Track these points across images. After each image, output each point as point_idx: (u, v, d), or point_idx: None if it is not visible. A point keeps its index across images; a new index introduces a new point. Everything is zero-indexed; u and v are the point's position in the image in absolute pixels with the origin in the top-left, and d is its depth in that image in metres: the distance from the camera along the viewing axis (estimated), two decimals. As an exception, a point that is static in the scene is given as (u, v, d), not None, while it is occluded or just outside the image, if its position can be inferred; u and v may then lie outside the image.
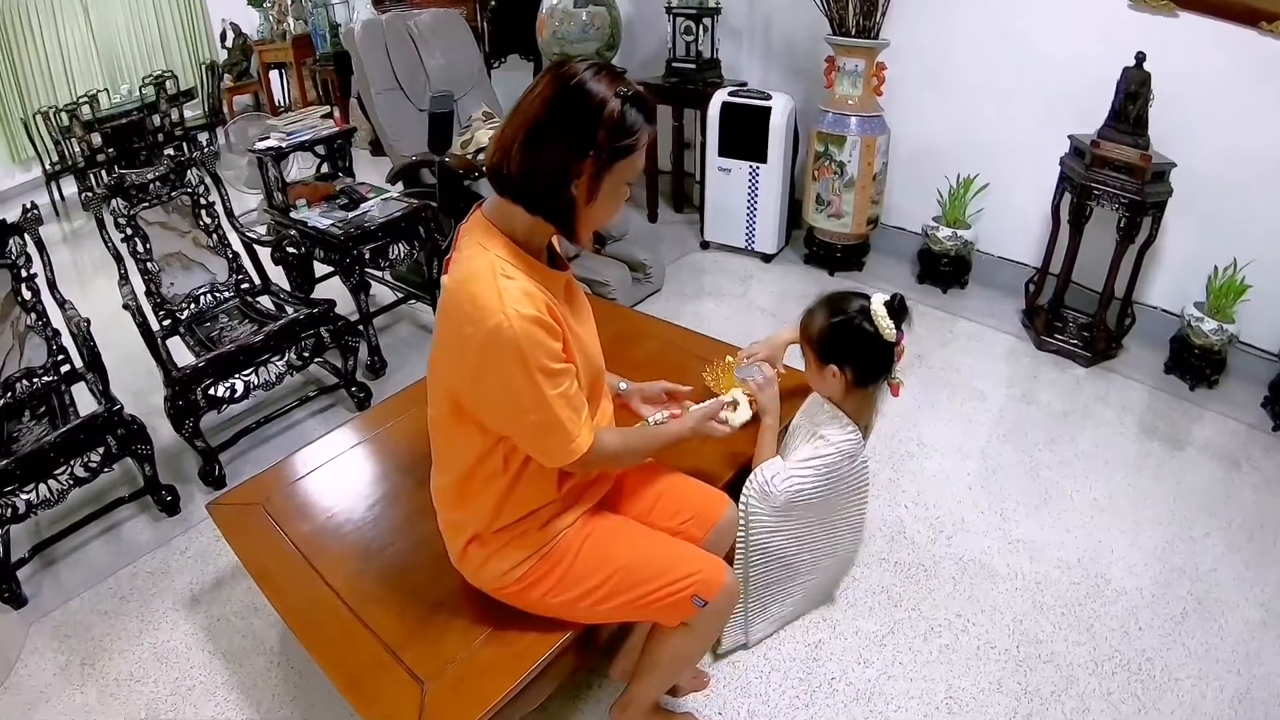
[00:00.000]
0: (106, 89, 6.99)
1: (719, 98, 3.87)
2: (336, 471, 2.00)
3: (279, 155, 3.14)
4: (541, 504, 1.45)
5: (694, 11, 4.05)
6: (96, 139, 5.99)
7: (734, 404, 1.72)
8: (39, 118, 6.09)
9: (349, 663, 1.47)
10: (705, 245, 4.30)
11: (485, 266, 1.25)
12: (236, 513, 1.89)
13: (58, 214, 5.89)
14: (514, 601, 1.51)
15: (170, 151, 4.30)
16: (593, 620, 1.54)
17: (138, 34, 7.63)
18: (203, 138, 6.46)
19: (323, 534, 1.78)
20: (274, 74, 7.72)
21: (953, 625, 2.06)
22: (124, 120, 6.36)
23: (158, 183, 2.94)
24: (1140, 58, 2.84)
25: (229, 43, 7.74)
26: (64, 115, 6.04)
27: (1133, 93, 2.88)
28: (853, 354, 1.69)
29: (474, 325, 1.22)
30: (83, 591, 2.28)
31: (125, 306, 2.60)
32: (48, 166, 6.00)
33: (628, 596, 1.46)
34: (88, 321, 2.54)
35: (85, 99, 6.18)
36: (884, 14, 3.44)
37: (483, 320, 1.21)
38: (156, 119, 6.27)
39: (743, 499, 1.77)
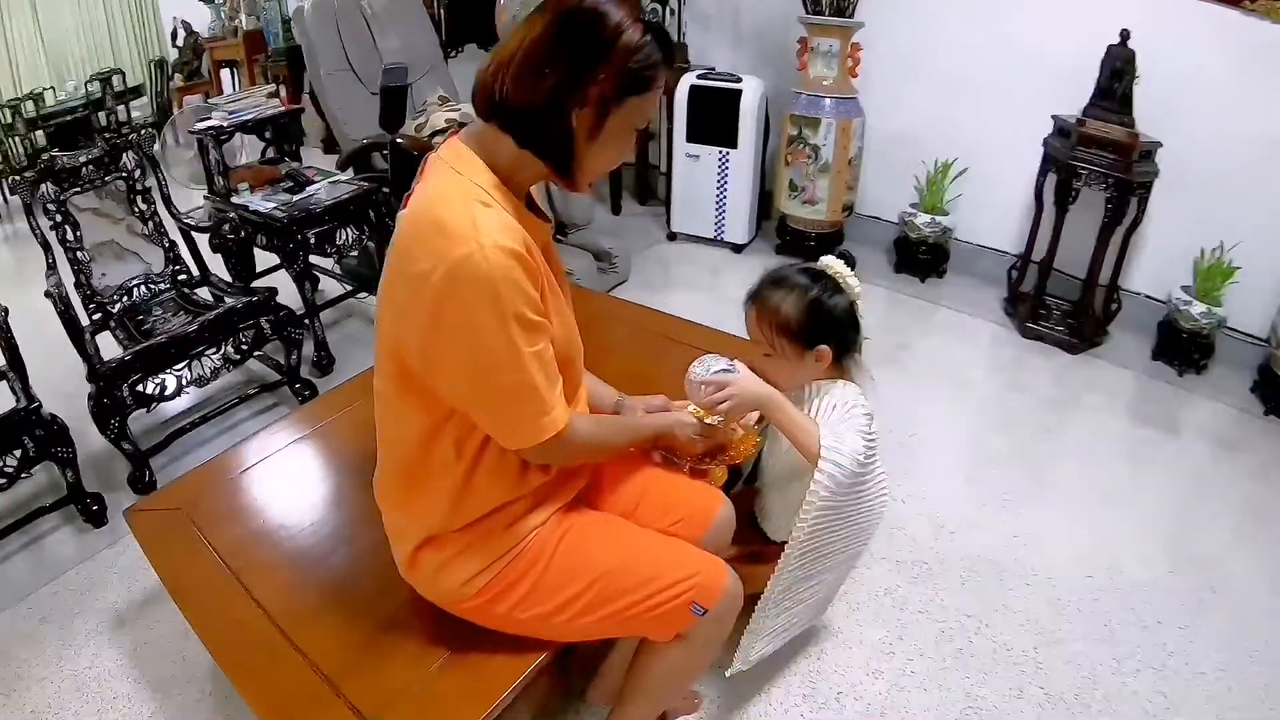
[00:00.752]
0: (52, 87, 6.72)
1: (687, 80, 3.72)
2: (272, 471, 1.78)
3: (219, 135, 2.91)
4: (506, 500, 1.22)
5: (660, -7, 3.89)
6: (40, 137, 5.73)
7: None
8: None
9: (278, 695, 1.24)
10: (672, 237, 4.14)
11: (457, 190, 1.05)
12: (158, 520, 1.66)
13: (0, 217, 5.53)
14: (476, 618, 1.28)
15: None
16: (572, 638, 1.33)
17: (86, 31, 7.39)
18: (147, 134, 6.18)
19: (254, 543, 1.56)
20: (225, 72, 7.45)
21: (965, 627, 1.90)
22: (69, 118, 6.13)
23: (91, 166, 2.75)
24: (1125, 34, 2.76)
25: (180, 41, 7.48)
26: (6, 112, 5.75)
27: (1118, 70, 2.80)
28: (837, 326, 1.47)
29: (435, 257, 1.00)
30: (1, 612, 2.06)
31: (47, 294, 2.38)
32: (-10, 166, 5.68)
33: (614, 607, 1.24)
34: (5, 311, 2.33)
35: (25, 97, 5.90)
36: (859, -8, 3.31)
37: (448, 250, 0.99)
38: (102, 116, 6.04)
39: (816, 480, 1.35)
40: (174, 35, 7.48)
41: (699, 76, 3.71)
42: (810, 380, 1.50)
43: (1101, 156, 2.82)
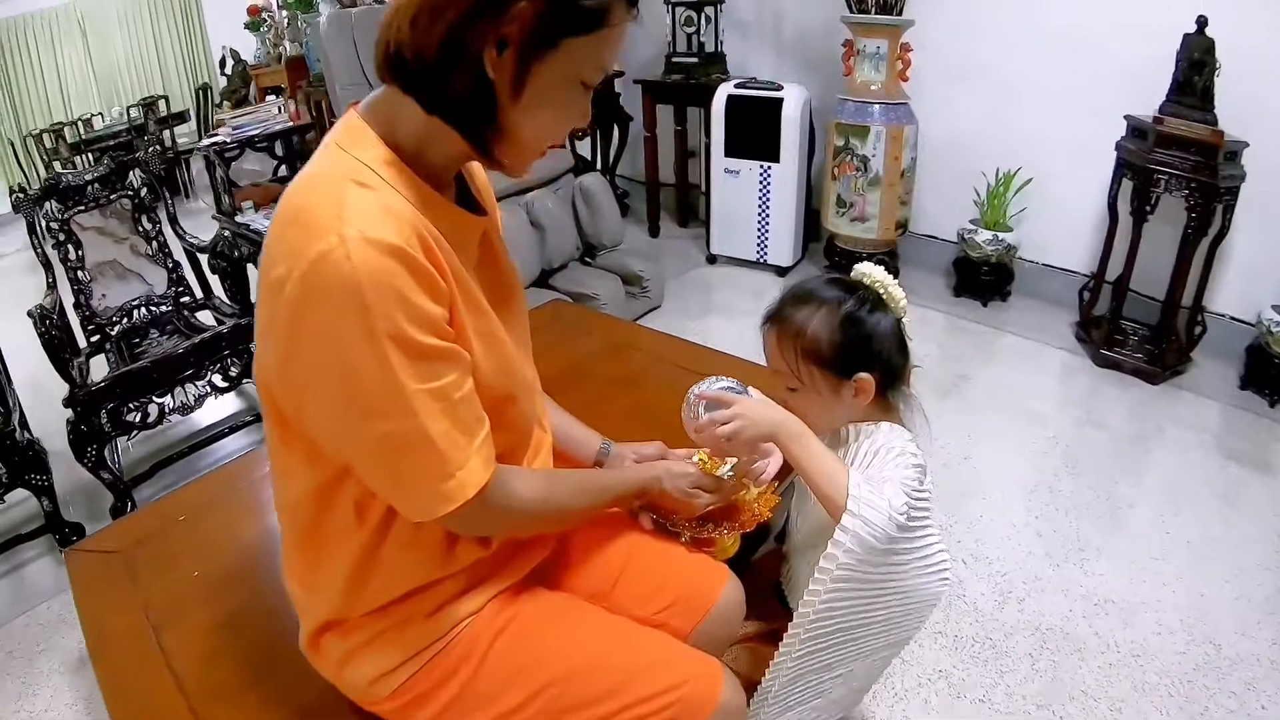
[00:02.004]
0: (101, 113, 6.87)
1: (724, 90, 3.50)
2: (228, 513, 1.56)
3: (224, 152, 2.77)
4: (426, 581, 0.94)
5: (694, 0, 3.67)
6: (80, 162, 5.83)
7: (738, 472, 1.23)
8: (30, 140, 5.95)
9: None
10: (712, 259, 3.91)
11: (332, 171, 0.80)
12: (94, 563, 1.46)
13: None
14: None
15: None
16: None
17: (136, 58, 7.56)
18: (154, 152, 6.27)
19: (184, 600, 1.34)
20: (270, 98, 7.51)
21: (1034, 720, 1.59)
22: (111, 142, 6.24)
23: (96, 185, 2.69)
24: (1202, 21, 2.49)
25: (228, 69, 7.58)
26: (49, 137, 5.88)
27: (1197, 61, 2.53)
28: (879, 349, 1.14)
29: (290, 258, 0.74)
30: None
31: (29, 313, 2.27)
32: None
33: None
34: None
35: (70, 122, 6.05)
36: (908, -12, 3.06)
37: (303, 248, 0.73)
38: (146, 141, 6.12)
39: (836, 540, 1.03)
40: (223, 63, 7.59)
41: (736, 86, 3.49)
42: (847, 421, 1.18)
43: (1183, 158, 2.53)
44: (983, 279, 3.30)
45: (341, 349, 0.74)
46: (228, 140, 2.77)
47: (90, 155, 6.11)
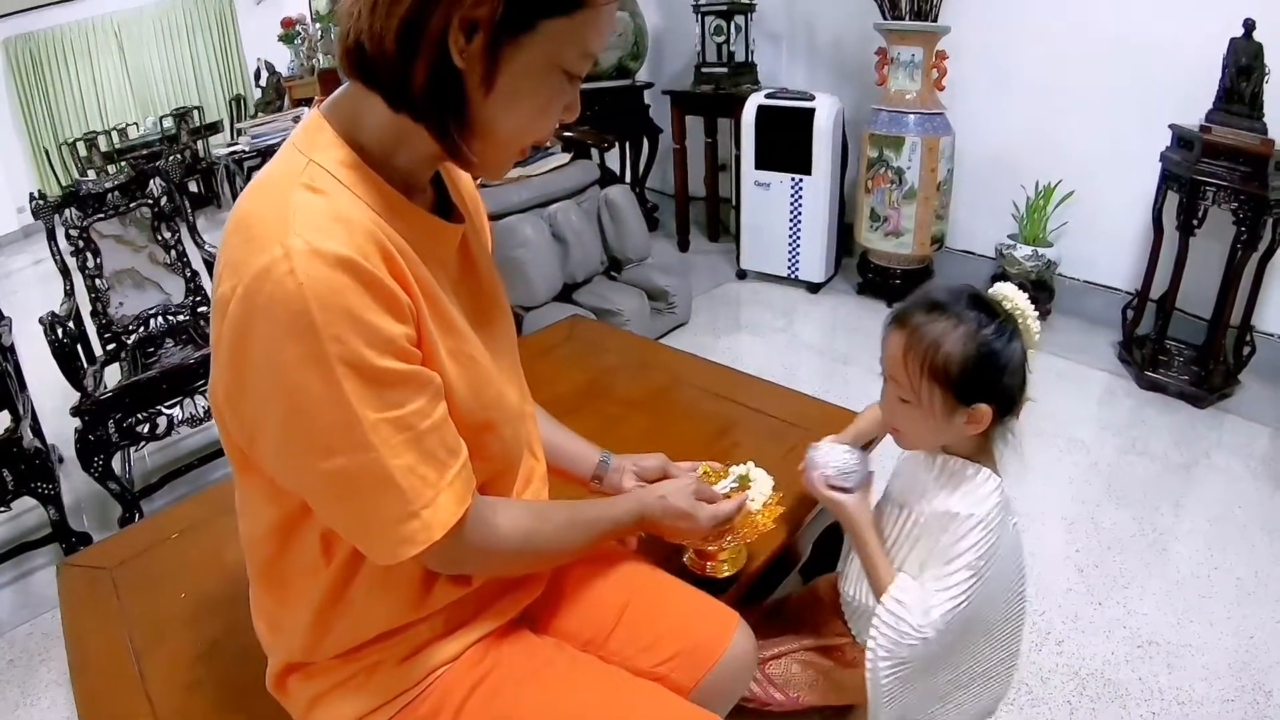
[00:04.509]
0: (136, 122, 6.98)
1: (754, 101, 3.42)
2: (219, 533, 1.49)
3: (242, 161, 2.75)
4: (400, 623, 0.86)
5: (724, 8, 3.61)
6: (113, 171, 5.90)
7: (742, 485, 1.17)
8: (64, 148, 6.07)
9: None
10: (742, 275, 3.82)
11: (284, 174, 0.72)
12: (84, 579, 1.42)
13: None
14: None
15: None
16: None
17: (171, 69, 7.68)
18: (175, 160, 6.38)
19: (167, 623, 1.29)
20: (304, 110, 7.59)
21: (1074, 777, 1.47)
22: (144, 151, 6.34)
23: (116, 193, 2.68)
24: (1249, 25, 2.38)
25: (263, 80, 7.67)
26: (82, 145, 5.97)
27: (1244, 67, 2.42)
28: (1005, 379, 1.06)
29: (234, 274, 0.67)
30: None
31: (40, 320, 2.26)
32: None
33: None
34: (8, 322, 2.33)
35: (105, 131, 6.14)
36: (943, -7, 2.97)
37: (246, 261, 0.66)
38: (175, 151, 6.21)
39: (871, 660, 1.10)
40: (257, 75, 7.67)
41: (767, 96, 3.41)
42: (948, 441, 1.12)
43: (1231, 169, 2.42)
44: (1021, 296, 3.18)
45: (288, 376, 0.66)
46: (246, 149, 2.74)
47: (124, 164, 6.20)
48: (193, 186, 6.21)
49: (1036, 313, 1.09)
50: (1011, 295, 1.09)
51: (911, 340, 1.06)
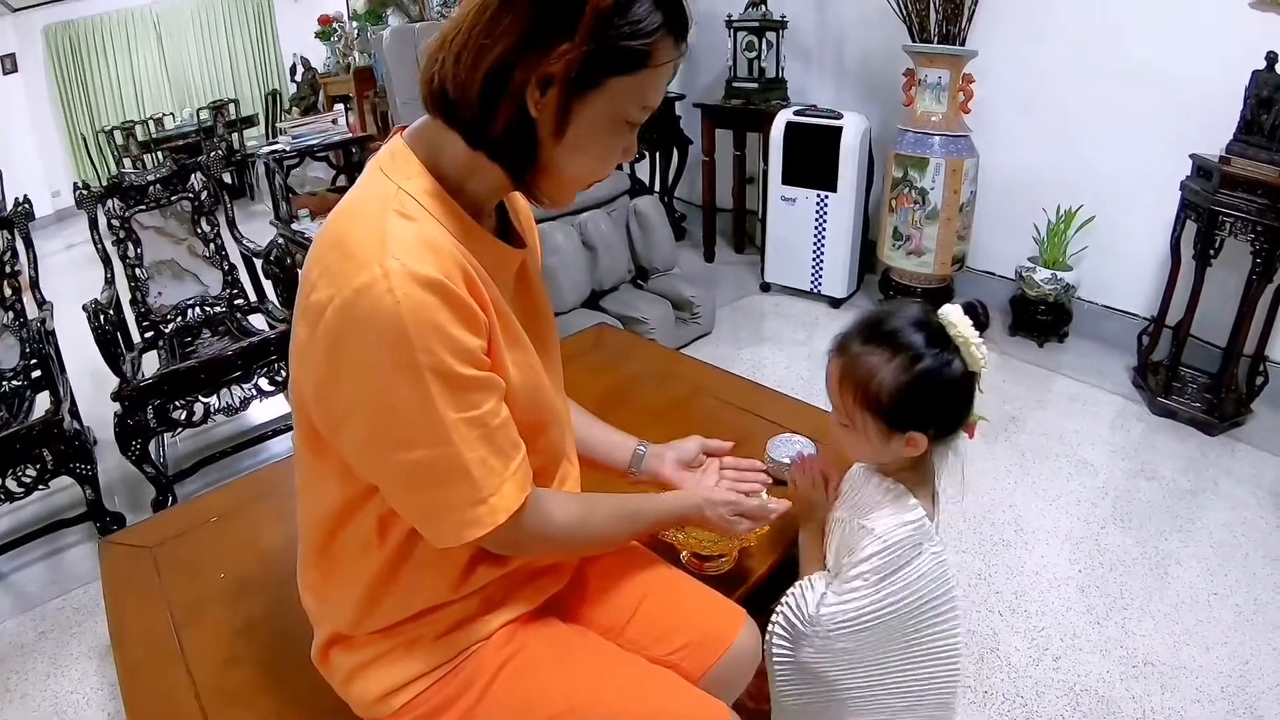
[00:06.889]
0: (172, 113, 7.08)
1: (783, 117, 3.47)
2: (257, 518, 1.57)
3: (283, 160, 2.83)
4: (439, 601, 0.94)
5: (756, 25, 3.66)
6: (150, 160, 6.01)
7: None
8: (101, 136, 6.16)
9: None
10: (766, 287, 3.87)
11: (376, 198, 0.80)
12: (125, 557, 1.49)
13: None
14: None
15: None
16: None
17: (208, 61, 7.78)
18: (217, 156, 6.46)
19: (207, 601, 1.35)
20: (338, 107, 7.68)
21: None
22: (180, 142, 6.45)
23: (158, 185, 2.77)
24: (1272, 58, 2.41)
25: (299, 76, 7.75)
26: (119, 134, 6.07)
27: (1265, 99, 2.44)
28: (939, 407, 1.08)
29: (332, 285, 0.75)
30: (5, 620, 2.09)
31: (84, 308, 2.34)
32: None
33: None
34: (41, 321, 2.38)
35: (142, 120, 6.24)
36: (970, 19, 3.00)
37: (346, 277, 0.74)
38: (212, 144, 6.32)
39: (770, 635, 1.18)
40: (293, 70, 7.76)
41: (795, 113, 3.46)
42: (890, 465, 1.15)
43: (1249, 201, 2.43)
44: (1039, 318, 3.21)
45: (382, 380, 0.75)
46: (286, 149, 2.82)
47: (160, 154, 6.31)
48: (226, 178, 6.31)
49: (981, 338, 1.07)
50: (955, 321, 1.06)
51: (847, 369, 1.09)
